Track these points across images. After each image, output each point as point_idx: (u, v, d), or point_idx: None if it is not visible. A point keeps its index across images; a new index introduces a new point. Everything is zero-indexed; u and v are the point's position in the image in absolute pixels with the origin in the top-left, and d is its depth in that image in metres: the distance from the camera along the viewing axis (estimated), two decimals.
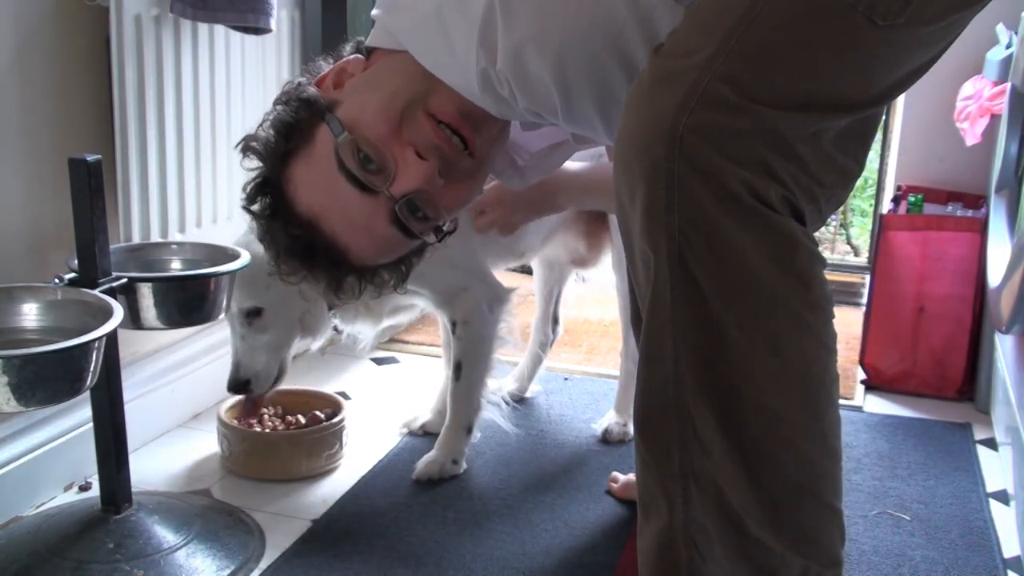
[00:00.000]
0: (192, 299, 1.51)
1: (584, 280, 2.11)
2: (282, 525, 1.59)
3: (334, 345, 1.98)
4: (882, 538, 1.60)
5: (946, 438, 2.00)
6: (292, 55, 2.10)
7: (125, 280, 1.43)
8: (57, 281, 1.37)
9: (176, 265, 1.64)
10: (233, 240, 1.70)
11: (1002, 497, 1.75)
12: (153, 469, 1.76)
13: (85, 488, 1.67)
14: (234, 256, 1.58)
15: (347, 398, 2.04)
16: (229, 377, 1.73)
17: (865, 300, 2.36)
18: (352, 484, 1.73)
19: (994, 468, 1.87)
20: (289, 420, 1.84)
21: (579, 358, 2.42)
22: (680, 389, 0.92)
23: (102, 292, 1.37)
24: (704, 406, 0.91)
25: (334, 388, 2.09)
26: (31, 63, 1.53)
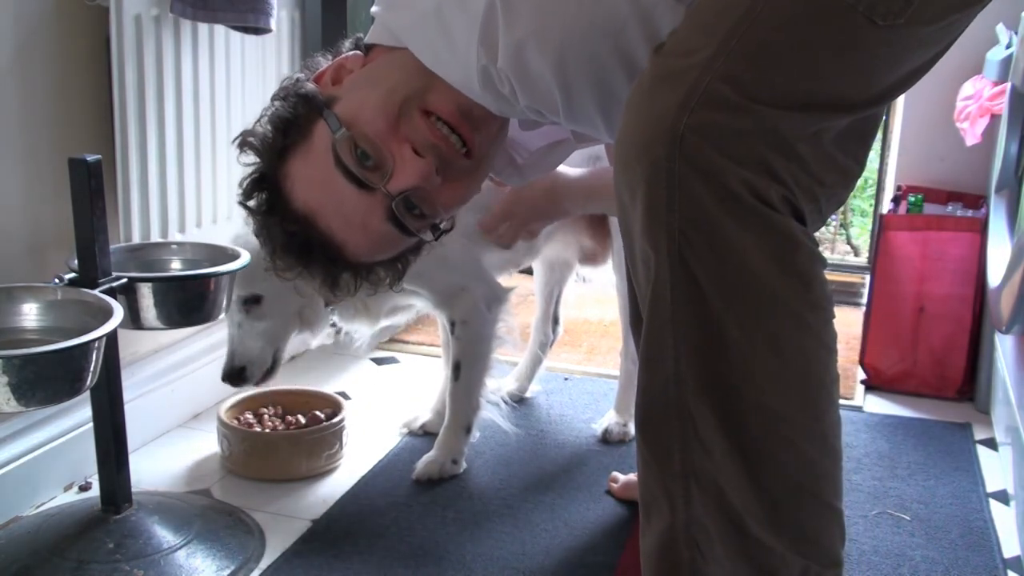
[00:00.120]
0: (192, 299, 1.51)
1: (584, 280, 2.12)
2: (282, 525, 1.58)
3: (334, 343, 1.99)
4: (882, 538, 1.60)
5: (946, 438, 2.00)
6: (292, 55, 2.10)
7: (125, 280, 1.44)
8: (57, 281, 1.37)
9: (176, 265, 1.64)
10: (232, 235, 1.70)
11: (1002, 497, 1.75)
12: (153, 469, 1.76)
13: (85, 488, 1.67)
14: (234, 256, 1.58)
15: (347, 398, 2.04)
16: (224, 366, 1.72)
17: (865, 300, 2.36)
18: (352, 484, 1.73)
19: (994, 468, 1.87)
20: (289, 420, 1.84)
21: (579, 358, 2.42)
22: (681, 389, 0.92)
23: (102, 292, 1.37)
24: (705, 406, 0.91)
25: (334, 388, 2.09)
26: (31, 63, 1.53)
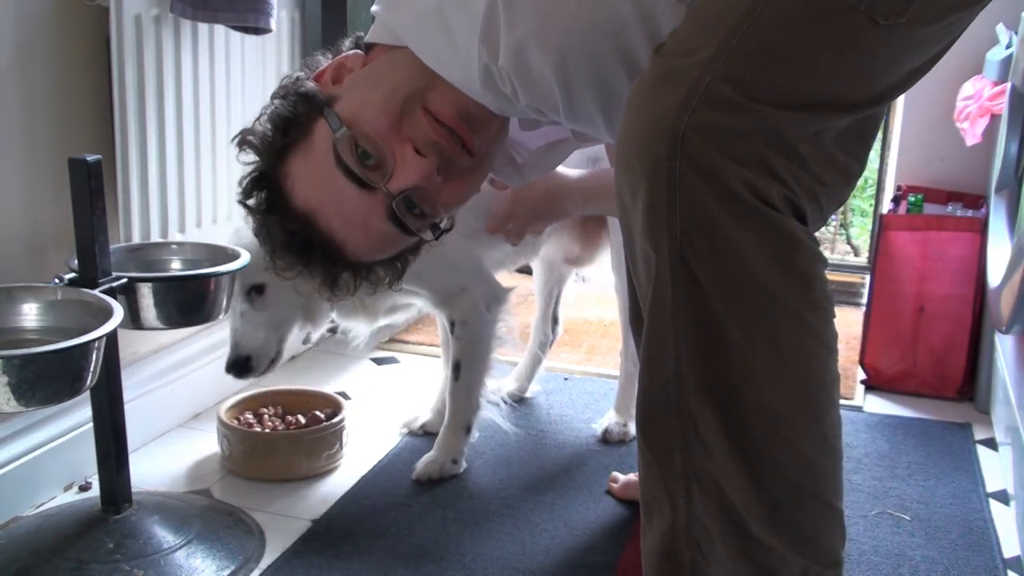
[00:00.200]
0: (192, 299, 1.51)
1: (584, 280, 2.12)
2: (282, 525, 1.58)
3: (334, 343, 1.98)
4: (882, 538, 1.60)
5: (946, 438, 2.00)
6: (292, 55, 2.10)
7: (125, 280, 1.43)
8: (57, 281, 1.37)
9: (176, 265, 1.64)
10: (231, 232, 1.70)
11: (1002, 497, 1.75)
12: (153, 469, 1.76)
13: (85, 488, 1.66)
14: (234, 256, 1.58)
15: (347, 398, 2.04)
16: (228, 357, 1.71)
17: (865, 300, 2.36)
18: (352, 484, 1.73)
19: (994, 468, 1.87)
20: (289, 420, 1.84)
21: (579, 358, 2.42)
22: (681, 389, 0.92)
23: (102, 292, 1.37)
24: (705, 406, 0.91)
25: (334, 388, 2.09)
26: (31, 63, 1.52)
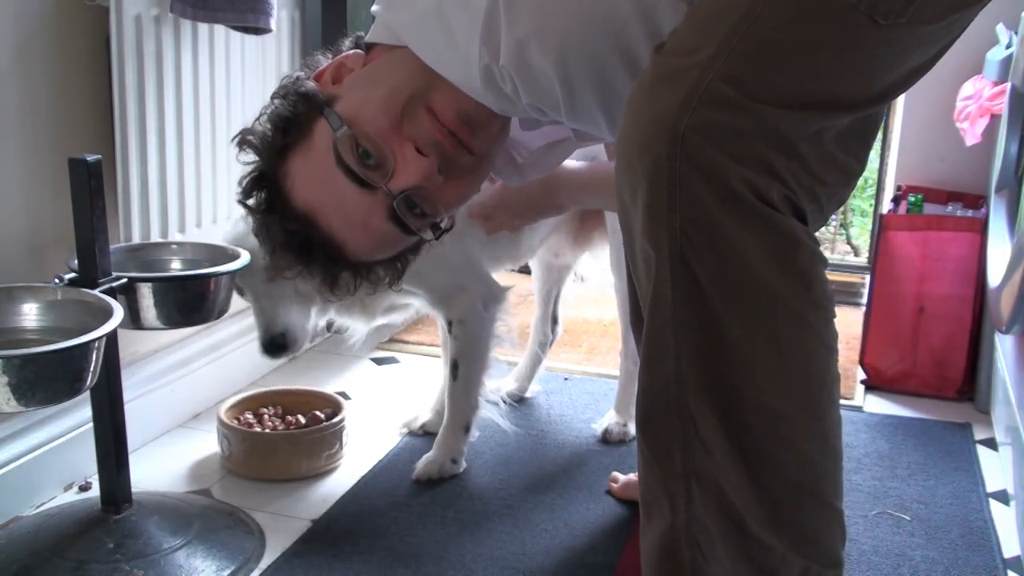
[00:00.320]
0: (192, 299, 1.51)
1: (583, 280, 2.11)
2: (282, 525, 1.58)
3: (333, 342, 1.98)
4: (882, 538, 1.60)
5: (946, 438, 2.00)
6: (292, 55, 2.10)
7: (125, 280, 1.43)
8: (57, 281, 1.37)
9: (176, 265, 1.64)
10: (230, 231, 1.70)
11: (1002, 497, 1.75)
12: (153, 469, 1.76)
13: (85, 488, 1.66)
14: (234, 256, 1.58)
15: (347, 398, 2.04)
16: (260, 337, 1.70)
17: (865, 300, 2.36)
18: (352, 484, 1.73)
19: (994, 468, 1.87)
20: (289, 420, 1.84)
21: (579, 358, 2.42)
22: (682, 389, 0.92)
23: (102, 292, 1.37)
24: (705, 405, 0.91)
25: (334, 388, 2.08)
26: (31, 63, 1.52)
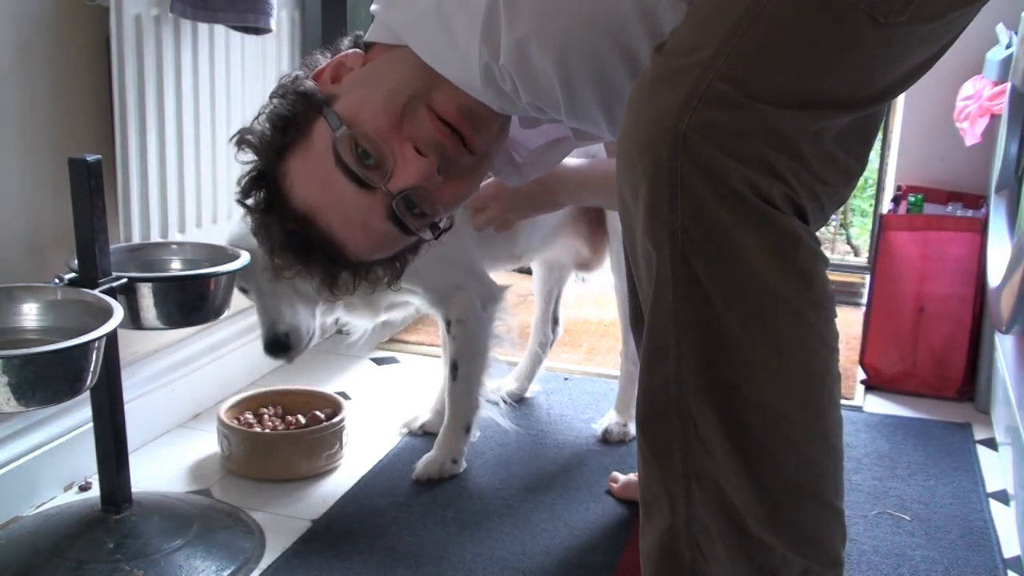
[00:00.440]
0: (192, 299, 1.51)
1: (584, 280, 2.11)
2: (282, 525, 1.58)
3: (333, 342, 1.98)
4: (882, 538, 1.60)
5: (946, 438, 2.00)
6: (292, 55, 2.10)
7: (125, 280, 1.43)
8: (57, 281, 1.37)
9: (176, 265, 1.64)
10: (235, 230, 1.70)
11: (1002, 497, 1.75)
12: (153, 469, 1.76)
13: (85, 488, 1.66)
14: (234, 256, 1.58)
15: (347, 398, 2.04)
16: (264, 337, 1.70)
17: (865, 300, 2.36)
18: (352, 484, 1.73)
19: (994, 468, 1.86)
20: (289, 420, 1.84)
21: (579, 358, 2.42)
22: (682, 389, 0.92)
23: (102, 292, 1.36)
24: (705, 405, 0.91)
25: (334, 388, 2.08)
26: (31, 63, 1.52)
